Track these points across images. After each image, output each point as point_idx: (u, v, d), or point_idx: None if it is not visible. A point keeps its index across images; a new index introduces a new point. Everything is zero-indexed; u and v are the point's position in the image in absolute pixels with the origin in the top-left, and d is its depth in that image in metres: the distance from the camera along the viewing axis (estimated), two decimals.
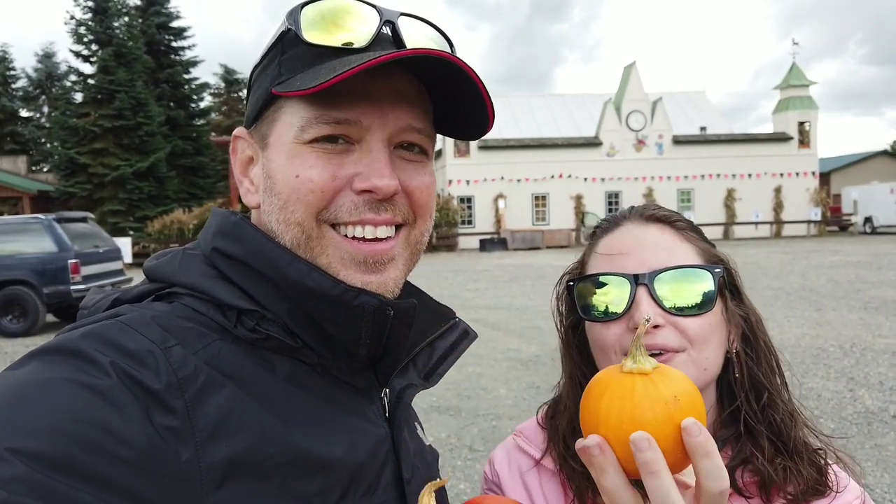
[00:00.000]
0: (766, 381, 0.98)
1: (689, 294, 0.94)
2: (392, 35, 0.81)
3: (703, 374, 0.95)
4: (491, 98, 0.80)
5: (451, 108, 0.85)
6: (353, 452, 0.77)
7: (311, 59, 0.78)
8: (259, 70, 0.84)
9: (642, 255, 0.98)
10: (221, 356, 0.73)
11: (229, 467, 0.67)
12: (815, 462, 0.94)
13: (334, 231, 0.79)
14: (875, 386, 6.63)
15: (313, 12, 0.79)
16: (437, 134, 0.89)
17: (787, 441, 0.94)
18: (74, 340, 0.67)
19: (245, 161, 0.88)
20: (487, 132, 0.85)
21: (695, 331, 0.94)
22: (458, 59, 0.75)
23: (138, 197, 36.44)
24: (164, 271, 0.83)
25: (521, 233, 33.30)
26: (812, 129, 37.63)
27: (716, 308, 0.96)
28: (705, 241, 1.04)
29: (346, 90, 0.75)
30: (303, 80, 0.75)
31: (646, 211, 1.04)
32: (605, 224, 1.09)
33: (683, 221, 1.04)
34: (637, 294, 0.95)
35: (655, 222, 1.02)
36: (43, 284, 11.80)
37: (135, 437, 0.61)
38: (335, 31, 0.78)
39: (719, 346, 0.98)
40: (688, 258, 0.98)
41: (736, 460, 0.95)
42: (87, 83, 37.69)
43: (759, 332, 1.02)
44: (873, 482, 4.44)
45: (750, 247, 27.83)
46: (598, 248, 1.05)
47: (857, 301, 11.84)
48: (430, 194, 0.85)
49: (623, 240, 1.02)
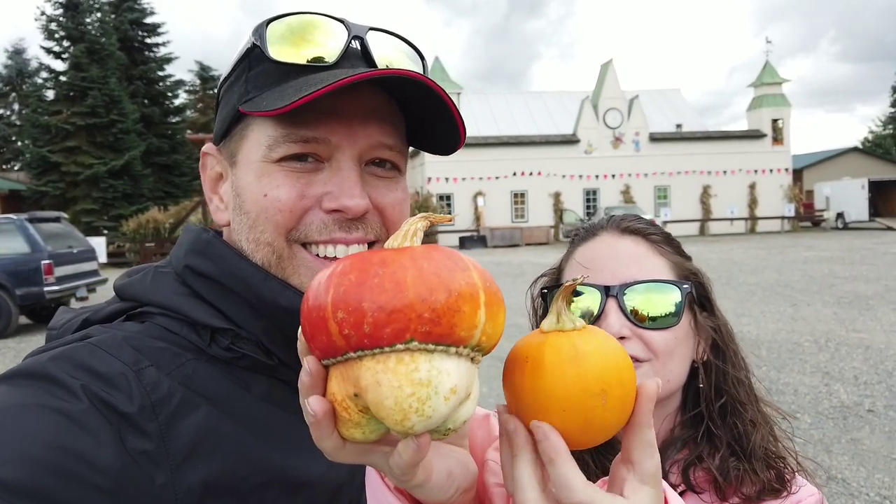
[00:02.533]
0: (732, 390, 1.01)
1: (656, 308, 0.97)
2: (361, 50, 0.79)
3: (665, 386, 0.98)
4: (461, 115, 0.79)
5: (424, 122, 0.83)
6: (332, 471, 0.76)
7: (277, 76, 0.77)
8: (227, 85, 0.82)
9: (614, 267, 1.00)
10: (196, 376, 0.72)
11: (206, 490, 0.66)
12: (773, 466, 0.97)
13: (305, 251, 0.78)
14: (850, 380, 6.74)
15: (279, 29, 0.77)
16: (409, 147, 0.88)
17: (746, 446, 0.97)
18: (44, 364, 0.65)
19: (214, 178, 0.87)
20: (460, 147, 0.84)
21: (659, 344, 0.96)
22: (424, 78, 0.74)
23: (113, 196, 36.03)
24: (136, 290, 0.81)
25: (501, 230, 33.41)
26: (785, 127, 38.27)
27: (683, 322, 0.98)
28: (679, 254, 1.06)
29: (314, 108, 0.73)
30: (269, 100, 0.74)
31: (622, 223, 1.06)
32: (583, 233, 1.11)
33: (659, 235, 1.06)
34: (606, 305, 0.97)
35: (630, 235, 1.04)
36: (16, 286, 11.59)
37: (108, 463, 0.60)
38: (302, 47, 0.77)
39: (684, 359, 1.00)
40: (659, 272, 1.00)
41: (689, 459, 0.98)
42: (58, 80, 37.14)
43: (730, 343, 1.05)
44: (849, 476, 4.51)
45: (725, 243, 28.17)
46: (575, 256, 1.08)
47: (831, 296, 12.05)
48: (402, 210, 0.85)
49: (598, 251, 1.04)
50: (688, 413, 1.03)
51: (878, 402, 6.00)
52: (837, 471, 4.60)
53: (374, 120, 0.78)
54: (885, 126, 64.62)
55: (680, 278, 1.02)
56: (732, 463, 0.95)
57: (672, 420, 1.03)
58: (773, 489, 0.95)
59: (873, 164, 49.87)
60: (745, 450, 0.97)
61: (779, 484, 0.95)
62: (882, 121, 65.64)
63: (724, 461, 0.96)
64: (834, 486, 4.37)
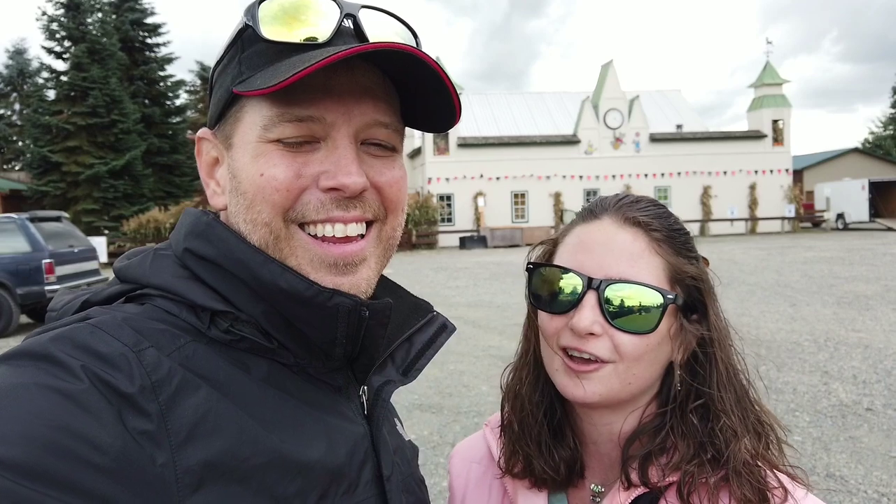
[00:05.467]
0: (716, 394, 0.95)
1: (634, 312, 0.93)
2: (354, 28, 0.79)
3: (626, 388, 0.95)
4: (456, 89, 0.79)
5: (418, 101, 0.84)
6: (331, 453, 0.77)
7: (271, 56, 0.77)
8: (220, 69, 0.83)
9: (606, 259, 0.95)
10: (196, 358, 0.72)
11: (206, 470, 0.66)
12: (758, 482, 0.89)
13: (303, 231, 0.78)
14: (849, 379, 6.74)
15: (271, 8, 0.77)
16: (405, 127, 0.88)
17: (721, 454, 0.91)
18: (44, 344, 0.65)
19: (210, 162, 0.87)
20: (456, 123, 0.84)
21: (627, 348, 0.93)
22: (419, 52, 0.74)
23: (113, 196, 35.93)
24: (136, 272, 0.81)
25: (501, 230, 33.38)
26: (786, 127, 38.18)
27: (659, 330, 0.94)
28: (681, 254, 0.98)
29: (308, 86, 0.73)
30: (263, 79, 0.74)
31: (628, 210, 0.99)
32: (585, 212, 1.05)
33: (663, 231, 0.98)
34: (585, 296, 0.94)
35: (632, 227, 0.97)
36: (17, 285, 11.58)
37: (108, 443, 0.60)
38: (294, 27, 0.77)
39: (654, 363, 0.96)
40: (651, 273, 0.95)
41: (644, 451, 0.94)
42: (59, 80, 36.99)
43: (719, 349, 0.98)
44: (847, 473, 4.51)
45: (726, 243, 28.16)
46: (571, 235, 1.03)
47: (831, 296, 12.04)
48: (400, 189, 0.85)
49: (595, 237, 0.99)
50: (658, 410, 0.99)
51: (877, 401, 6.01)
52: (836, 469, 4.60)
53: (370, 98, 0.78)
54: (886, 127, 64.45)
55: (673, 283, 0.96)
56: (698, 468, 0.90)
57: (638, 417, 0.99)
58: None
59: (874, 164, 49.74)
60: (719, 458, 0.91)
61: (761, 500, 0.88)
62: (882, 122, 65.49)
63: (687, 462, 0.91)
64: (832, 483, 4.38)
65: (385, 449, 0.85)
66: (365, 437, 0.83)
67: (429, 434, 5.65)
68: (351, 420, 0.82)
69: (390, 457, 0.86)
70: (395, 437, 0.93)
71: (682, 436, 0.94)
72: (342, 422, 0.81)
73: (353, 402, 0.85)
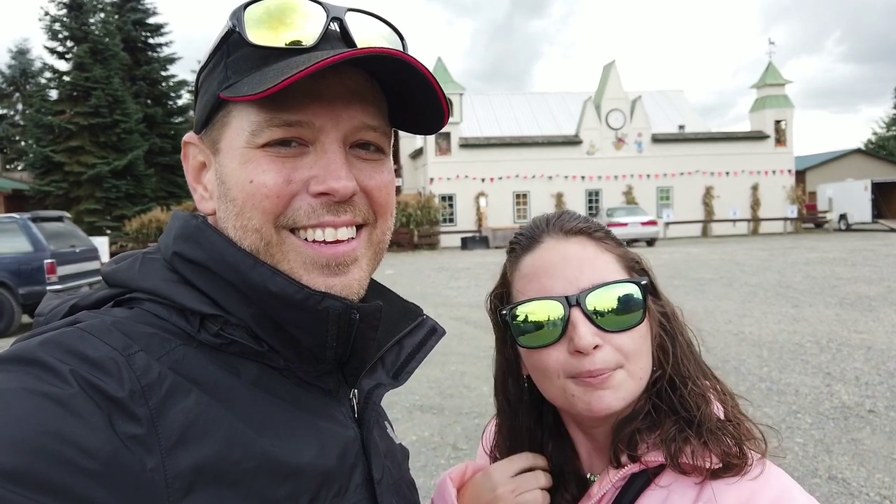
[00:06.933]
0: (682, 365, 0.99)
1: (621, 310, 0.94)
2: (340, 32, 0.79)
3: (639, 385, 0.96)
4: (444, 91, 0.79)
5: (406, 103, 0.83)
6: (322, 456, 0.76)
7: (257, 60, 0.76)
8: (206, 72, 0.82)
9: (569, 274, 0.96)
10: (185, 362, 0.72)
11: (196, 475, 0.66)
12: (732, 437, 0.91)
13: (294, 236, 0.78)
14: (851, 381, 6.73)
15: (257, 12, 0.77)
16: (393, 129, 0.87)
17: (693, 418, 0.93)
18: (32, 349, 0.65)
19: (197, 167, 0.86)
20: (444, 126, 0.84)
21: (629, 346, 0.94)
22: (406, 55, 0.74)
23: (116, 196, 36.04)
24: (124, 276, 0.80)
25: (503, 231, 33.36)
26: (788, 128, 38.15)
27: (645, 317, 0.96)
28: (620, 245, 1.03)
29: (296, 91, 0.73)
30: (250, 85, 0.74)
31: (565, 224, 1.02)
32: (524, 241, 1.05)
33: (601, 231, 1.02)
34: (572, 316, 0.93)
35: (575, 235, 1.00)
36: (18, 285, 11.61)
37: (98, 447, 0.60)
38: (281, 31, 0.77)
39: (648, 352, 0.98)
40: (611, 269, 0.97)
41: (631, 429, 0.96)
42: (62, 80, 37.12)
43: (675, 324, 1.03)
44: (850, 476, 4.50)
45: (728, 244, 28.10)
46: (521, 268, 1.03)
47: (833, 297, 12.01)
48: (389, 193, 0.85)
49: (546, 258, 0.99)
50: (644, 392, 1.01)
51: (879, 403, 5.99)
52: (838, 471, 4.59)
53: (357, 101, 0.78)
54: (889, 128, 64.39)
55: (630, 271, 1.00)
56: (681, 435, 0.92)
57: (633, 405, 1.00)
58: (732, 465, 0.88)
59: (876, 165, 49.71)
60: (691, 422, 0.93)
61: (739, 459, 0.89)
62: (885, 122, 65.43)
63: (672, 433, 0.93)
64: (834, 485, 4.36)
65: (375, 452, 0.85)
66: (355, 440, 0.83)
67: (430, 435, 5.65)
68: (341, 423, 0.82)
69: (381, 460, 0.85)
70: (385, 440, 0.93)
71: (664, 413, 0.96)
72: (333, 425, 0.81)
73: (343, 405, 0.85)
